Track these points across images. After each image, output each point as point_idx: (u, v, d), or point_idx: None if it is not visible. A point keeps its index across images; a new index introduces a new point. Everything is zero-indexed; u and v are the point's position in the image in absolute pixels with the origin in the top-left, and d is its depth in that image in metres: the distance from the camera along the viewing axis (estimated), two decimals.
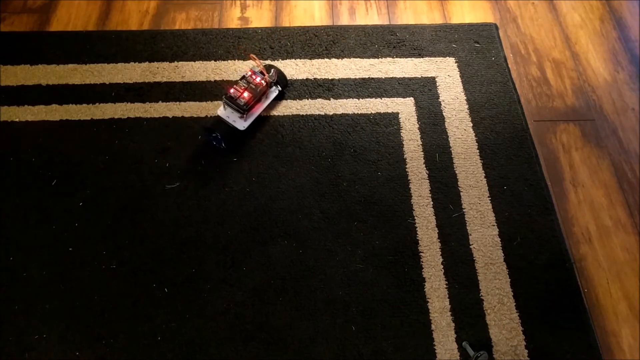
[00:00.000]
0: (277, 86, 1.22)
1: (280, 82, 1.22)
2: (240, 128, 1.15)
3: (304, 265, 1.04)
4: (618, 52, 1.39)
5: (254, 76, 1.17)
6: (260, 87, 1.16)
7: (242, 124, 1.15)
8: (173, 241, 1.06)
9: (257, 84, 1.16)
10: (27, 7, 1.46)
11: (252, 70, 1.18)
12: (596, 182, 1.17)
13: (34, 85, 1.28)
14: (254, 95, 1.15)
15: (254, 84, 1.16)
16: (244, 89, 1.14)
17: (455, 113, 1.25)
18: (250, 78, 1.17)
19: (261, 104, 1.19)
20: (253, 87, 1.15)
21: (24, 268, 1.03)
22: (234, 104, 1.14)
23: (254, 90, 1.15)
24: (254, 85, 1.16)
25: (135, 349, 0.95)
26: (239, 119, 1.15)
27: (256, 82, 1.16)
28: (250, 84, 1.16)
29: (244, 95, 1.14)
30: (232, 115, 1.15)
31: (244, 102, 1.13)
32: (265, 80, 1.17)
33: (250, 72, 1.18)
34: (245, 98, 1.13)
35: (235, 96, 1.13)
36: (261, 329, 0.97)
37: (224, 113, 1.16)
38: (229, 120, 1.15)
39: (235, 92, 1.14)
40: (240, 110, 1.14)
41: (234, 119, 1.15)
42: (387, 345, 0.95)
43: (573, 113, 1.28)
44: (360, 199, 1.12)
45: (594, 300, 1.02)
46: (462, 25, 1.42)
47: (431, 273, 1.03)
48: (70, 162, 1.16)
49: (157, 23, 1.43)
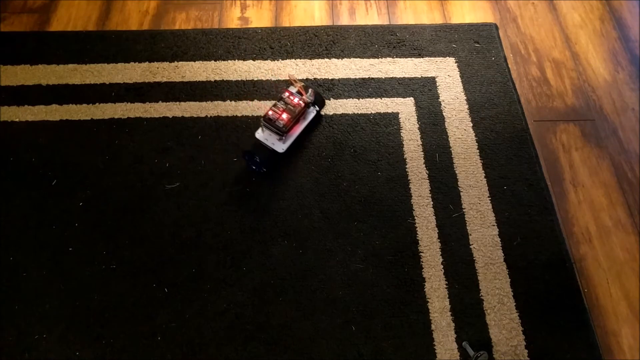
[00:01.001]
0: (315, 107, 1.18)
1: (317, 102, 1.18)
2: (280, 150, 1.11)
3: (304, 265, 1.04)
4: (618, 52, 1.39)
5: (292, 97, 1.13)
6: (298, 107, 1.12)
7: (281, 147, 1.11)
8: (173, 241, 1.06)
9: (295, 105, 1.12)
10: (27, 7, 1.46)
11: (290, 91, 1.14)
12: (596, 182, 1.17)
13: (34, 85, 1.28)
14: (292, 116, 1.11)
15: (292, 104, 1.12)
16: (282, 110, 1.10)
17: (455, 113, 1.25)
18: (288, 99, 1.13)
19: (299, 125, 1.14)
20: (291, 108, 1.11)
21: (24, 268, 1.03)
22: (273, 126, 1.10)
23: (292, 112, 1.11)
24: (292, 106, 1.12)
25: (135, 349, 0.95)
26: (277, 142, 1.11)
27: (294, 102, 1.12)
28: (289, 105, 1.12)
29: (282, 116, 1.10)
30: (271, 138, 1.11)
31: (283, 124, 1.09)
32: (304, 101, 1.13)
33: (287, 93, 1.14)
34: (284, 120, 1.10)
35: (273, 118, 1.09)
36: (261, 329, 0.97)
37: (262, 136, 1.11)
38: (268, 143, 1.11)
39: (274, 114, 1.10)
40: (279, 133, 1.10)
41: (272, 141, 1.11)
42: (387, 345, 0.95)
43: (573, 113, 1.28)
44: (360, 199, 1.12)
45: (594, 300, 1.02)
46: (462, 25, 1.42)
47: (431, 273, 1.03)
48: (70, 162, 1.16)
49: (157, 23, 1.43)
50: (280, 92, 1.15)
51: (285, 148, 1.12)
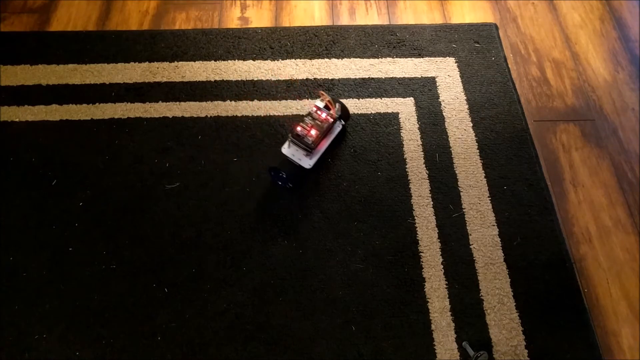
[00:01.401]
0: (341, 120, 1.16)
1: (343, 116, 1.17)
2: (306, 166, 1.09)
3: (304, 265, 1.04)
4: (618, 52, 1.39)
5: (320, 112, 1.11)
6: (326, 123, 1.11)
7: (307, 162, 1.09)
8: (173, 241, 1.06)
9: (324, 120, 1.10)
10: (27, 7, 1.46)
11: (317, 106, 1.12)
12: (596, 182, 1.17)
13: (34, 85, 1.28)
14: (320, 132, 1.09)
15: (320, 120, 1.10)
16: (311, 126, 1.09)
17: (455, 113, 1.25)
18: (315, 114, 1.11)
19: (326, 140, 1.13)
20: (319, 124, 1.10)
21: (24, 268, 1.03)
22: (302, 142, 1.08)
23: (321, 127, 1.09)
24: (320, 121, 1.10)
25: (135, 349, 0.95)
26: (304, 157, 1.09)
27: (322, 118, 1.11)
28: (317, 120, 1.10)
29: (311, 133, 1.08)
30: (297, 154, 1.09)
31: (312, 141, 1.08)
32: (332, 116, 1.12)
33: (315, 108, 1.12)
34: (313, 136, 1.08)
35: (302, 134, 1.08)
36: (261, 329, 0.97)
37: (289, 151, 1.10)
38: (294, 159, 1.09)
39: (303, 131, 1.08)
40: (307, 149, 1.09)
41: (299, 157, 1.09)
42: (387, 345, 0.95)
43: (573, 113, 1.28)
44: (360, 199, 1.12)
45: (594, 300, 1.02)
46: (462, 25, 1.42)
47: (431, 273, 1.03)
48: (70, 162, 1.16)
49: (157, 23, 1.43)
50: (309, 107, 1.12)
51: (312, 164, 1.10)
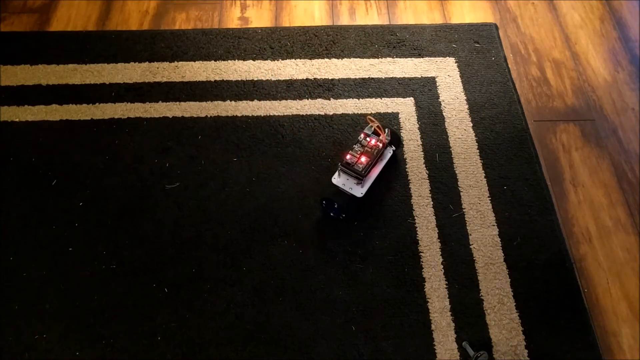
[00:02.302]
0: (391, 146, 1.14)
1: (394, 142, 1.14)
2: (358, 195, 1.06)
3: (304, 265, 1.04)
4: (618, 52, 1.39)
5: (369, 138, 1.10)
6: (376, 149, 1.09)
7: (359, 191, 1.07)
8: (173, 241, 1.06)
9: (373, 146, 1.09)
10: (27, 7, 1.46)
11: (365, 133, 1.11)
12: (596, 182, 1.17)
13: (34, 85, 1.28)
14: (370, 158, 1.07)
15: (369, 146, 1.08)
16: (360, 153, 1.07)
17: (455, 113, 1.25)
18: (364, 141, 1.09)
19: (377, 167, 1.11)
20: (369, 150, 1.08)
21: (24, 268, 1.03)
22: (352, 170, 1.06)
23: (370, 154, 1.08)
24: (369, 148, 1.08)
25: (135, 349, 0.95)
26: (355, 186, 1.07)
27: (371, 144, 1.09)
28: (366, 147, 1.08)
29: (361, 160, 1.06)
30: (348, 182, 1.07)
31: (362, 168, 1.05)
32: (382, 142, 1.10)
33: (363, 135, 1.10)
34: (363, 163, 1.06)
35: (352, 162, 1.06)
36: (261, 329, 0.97)
37: (339, 181, 1.07)
38: (345, 188, 1.07)
39: (352, 158, 1.06)
40: (358, 177, 1.06)
41: (350, 186, 1.07)
42: (387, 345, 0.95)
43: (573, 113, 1.28)
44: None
45: (594, 300, 1.02)
46: (462, 25, 1.42)
47: (431, 273, 1.03)
48: (70, 162, 1.16)
49: (157, 23, 1.43)
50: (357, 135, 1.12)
51: (364, 192, 1.07)
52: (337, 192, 1.07)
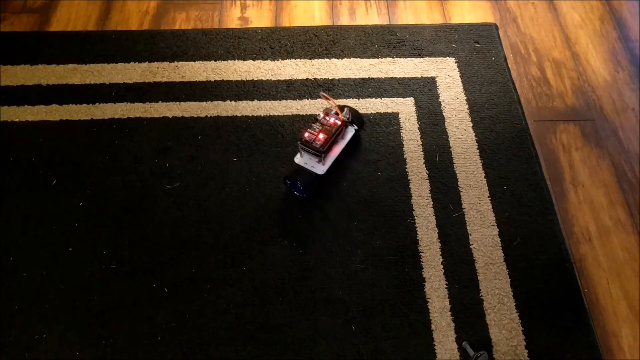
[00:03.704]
0: (353, 125, 1.16)
1: (355, 121, 1.16)
2: (320, 172, 1.09)
3: (304, 265, 1.04)
4: (618, 52, 1.39)
5: (328, 117, 1.11)
6: (335, 127, 1.10)
7: (321, 168, 1.09)
8: (173, 241, 1.06)
9: (332, 125, 1.10)
10: (27, 7, 1.46)
11: (325, 112, 1.13)
12: (596, 182, 1.17)
13: (34, 85, 1.28)
14: (329, 136, 1.09)
15: (328, 125, 1.10)
16: (318, 131, 1.09)
17: (455, 113, 1.25)
18: (323, 120, 1.11)
19: (338, 146, 1.13)
20: (328, 128, 1.10)
21: (24, 268, 1.03)
22: (310, 147, 1.08)
23: (329, 131, 1.09)
24: (328, 126, 1.10)
25: (135, 349, 0.95)
26: (317, 164, 1.09)
27: (330, 122, 1.11)
28: (325, 125, 1.10)
29: (319, 137, 1.08)
30: (310, 161, 1.10)
31: (320, 144, 1.07)
32: (340, 120, 1.12)
33: (323, 114, 1.12)
34: (321, 140, 1.08)
35: (310, 139, 1.08)
36: (261, 329, 0.97)
37: (301, 160, 1.11)
38: (307, 167, 1.09)
39: (310, 136, 1.08)
40: (317, 154, 1.08)
41: (312, 164, 1.09)
42: (387, 345, 0.95)
43: (573, 113, 1.28)
44: (360, 199, 1.12)
45: (594, 300, 1.02)
46: (462, 25, 1.42)
47: (431, 273, 1.03)
48: (70, 162, 1.16)
49: (157, 23, 1.43)
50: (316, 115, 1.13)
51: (325, 170, 1.09)
52: (300, 171, 1.09)
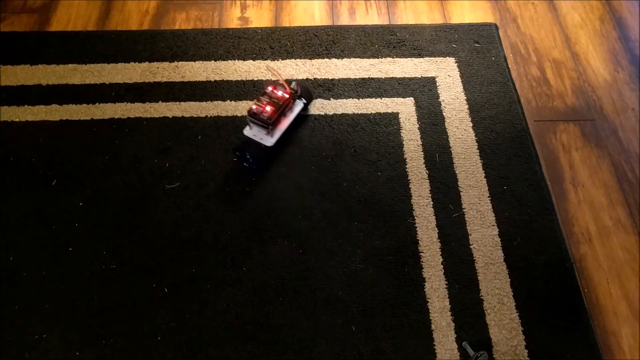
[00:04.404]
0: (302, 99, 1.19)
1: (304, 95, 1.19)
2: (268, 144, 1.12)
3: (304, 265, 1.04)
4: (618, 52, 1.39)
5: (276, 90, 1.14)
6: (282, 100, 1.13)
7: (269, 141, 1.12)
8: (173, 241, 1.06)
9: (279, 98, 1.13)
10: (27, 7, 1.46)
11: (274, 85, 1.15)
12: (596, 182, 1.17)
13: (34, 85, 1.28)
14: (276, 108, 1.11)
15: (275, 97, 1.13)
16: (266, 103, 1.11)
17: (455, 113, 1.25)
18: (272, 93, 1.14)
19: (287, 119, 1.16)
20: (275, 101, 1.12)
21: (24, 268, 1.03)
22: (258, 119, 1.10)
23: (277, 104, 1.12)
24: (276, 99, 1.13)
25: (135, 349, 0.95)
26: (265, 136, 1.12)
27: (278, 95, 1.13)
28: (272, 98, 1.13)
29: (266, 109, 1.10)
30: (259, 133, 1.13)
31: (268, 116, 1.10)
32: (288, 93, 1.14)
33: (271, 88, 1.15)
34: (268, 112, 1.10)
35: (258, 112, 1.10)
36: (261, 329, 0.97)
37: (250, 132, 1.13)
38: (256, 139, 1.12)
39: (258, 108, 1.11)
40: (265, 125, 1.11)
41: (260, 136, 1.12)
42: (387, 345, 0.95)
43: (573, 113, 1.28)
44: (360, 199, 1.12)
45: (594, 300, 1.02)
46: (462, 25, 1.42)
47: (431, 273, 1.03)
48: (70, 162, 1.16)
49: (157, 23, 1.43)
50: (264, 88, 1.17)
51: (273, 142, 1.13)
52: (249, 143, 1.13)
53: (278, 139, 1.14)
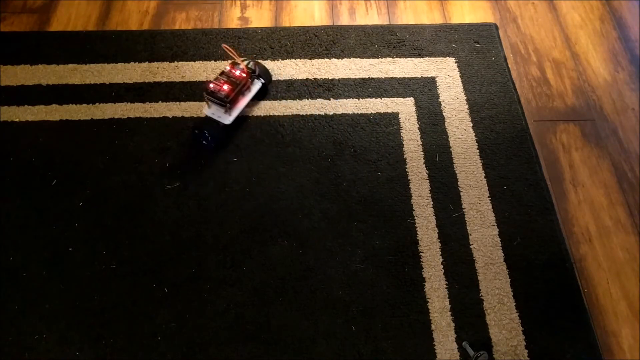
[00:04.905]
0: (260, 79, 1.22)
1: (263, 75, 1.23)
2: (226, 122, 1.16)
3: (304, 265, 1.04)
4: (618, 52, 1.39)
5: (234, 70, 1.18)
6: (240, 79, 1.17)
7: (227, 119, 1.16)
8: (173, 241, 1.06)
9: (237, 77, 1.17)
10: (27, 7, 1.46)
11: (232, 65, 1.19)
12: (596, 182, 1.17)
13: (34, 85, 1.28)
14: (234, 87, 1.15)
15: (233, 77, 1.17)
16: (223, 82, 1.16)
17: (455, 113, 1.25)
18: (229, 72, 1.18)
19: (244, 97, 1.20)
20: (233, 80, 1.16)
21: (24, 268, 1.03)
22: (215, 97, 1.15)
23: (234, 83, 1.16)
24: (233, 78, 1.17)
25: (135, 349, 0.95)
26: (224, 115, 1.16)
27: (235, 75, 1.17)
28: (230, 77, 1.17)
29: (223, 87, 1.15)
30: (217, 112, 1.16)
31: (225, 94, 1.14)
32: (245, 72, 1.18)
33: (229, 67, 1.19)
34: (226, 90, 1.14)
35: (215, 90, 1.14)
36: (261, 329, 0.97)
37: (209, 111, 1.17)
38: (215, 117, 1.16)
39: (215, 86, 1.15)
40: (222, 104, 1.15)
41: (219, 114, 1.16)
42: (387, 345, 0.95)
43: (573, 113, 1.28)
44: (360, 199, 1.12)
45: (594, 300, 1.02)
46: (462, 25, 1.42)
47: (431, 273, 1.03)
48: (70, 162, 1.16)
49: (157, 23, 1.43)
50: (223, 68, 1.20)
51: (231, 120, 1.16)
52: (208, 122, 1.16)
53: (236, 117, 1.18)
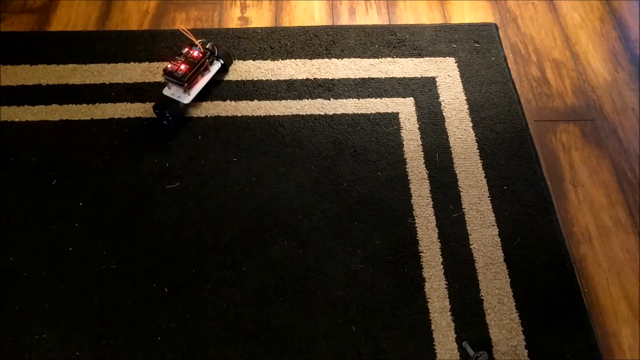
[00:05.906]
0: (219, 60, 1.26)
1: (222, 57, 1.26)
2: (185, 102, 1.20)
3: (304, 265, 1.04)
4: (618, 52, 1.39)
5: (192, 51, 1.21)
6: (197, 59, 1.20)
7: (187, 99, 1.20)
8: (173, 241, 1.06)
9: (195, 57, 1.20)
10: (27, 7, 1.46)
11: (189, 46, 1.22)
12: (596, 182, 1.17)
13: (34, 85, 1.28)
14: (191, 67, 1.19)
15: (191, 57, 1.20)
16: (181, 62, 1.19)
17: (455, 113, 1.25)
18: (187, 53, 1.21)
19: (203, 77, 1.23)
20: (190, 60, 1.20)
21: (24, 268, 1.03)
22: (173, 77, 1.18)
23: (192, 63, 1.19)
24: (191, 58, 1.20)
25: (135, 349, 0.95)
26: (183, 94, 1.20)
27: (193, 55, 1.20)
28: (188, 57, 1.20)
29: (181, 67, 1.18)
30: (177, 92, 1.20)
31: (182, 74, 1.17)
32: (202, 53, 1.21)
33: (187, 49, 1.22)
34: (183, 70, 1.18)
35: (173, 70, 1.18)
36: (261, 329, 0.97)
37: (169, 92, 1.21)
38: (174, 97, 1.19)
39: (173, 67, 1.18)
40: (180, 83, 1.18)
41: (178, 95, 1.20)
42: (387, 345, 0.95)
43: (573, 113, 1.28)
44: (360, 199, 1.12)
45: (594, 300, 1.02)
46: (462, 25, 1.42)
47: (431, 273, 1.03)
48: (70, 162, 1.16)
49: (157, 23, 1.43)
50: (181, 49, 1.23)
51: (190, 99, 1.20)
52: (168, 101, 1.20)
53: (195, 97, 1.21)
